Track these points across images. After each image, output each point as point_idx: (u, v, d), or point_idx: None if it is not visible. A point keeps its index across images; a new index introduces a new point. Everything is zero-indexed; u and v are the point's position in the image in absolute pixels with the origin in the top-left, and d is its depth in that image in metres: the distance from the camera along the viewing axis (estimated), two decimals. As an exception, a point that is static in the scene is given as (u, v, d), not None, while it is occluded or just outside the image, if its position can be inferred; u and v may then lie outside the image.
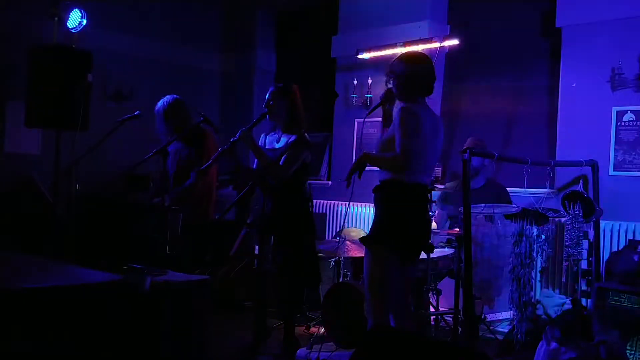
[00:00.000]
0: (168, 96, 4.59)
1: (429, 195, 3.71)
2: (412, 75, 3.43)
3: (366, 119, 3.80)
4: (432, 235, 4.59)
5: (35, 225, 4.21)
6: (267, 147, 4.16)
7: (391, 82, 3.49)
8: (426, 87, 3.47)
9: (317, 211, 6.33)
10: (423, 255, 4.45)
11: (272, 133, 4.19)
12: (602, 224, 4.59)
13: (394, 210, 3.37)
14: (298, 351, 4.29)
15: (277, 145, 4.11)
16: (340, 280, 4.75)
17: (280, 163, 3.99)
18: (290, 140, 4.02)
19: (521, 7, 5.62)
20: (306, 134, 4.05)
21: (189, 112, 4.59)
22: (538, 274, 4.19)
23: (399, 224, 3.36)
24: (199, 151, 4.48)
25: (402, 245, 3.39)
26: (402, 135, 3.26)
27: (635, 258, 4.04)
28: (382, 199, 3.40)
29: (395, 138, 3.30)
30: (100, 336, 2.58)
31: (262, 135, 4.26)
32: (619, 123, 4.75)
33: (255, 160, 4.18)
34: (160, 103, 4.56)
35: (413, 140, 3.27)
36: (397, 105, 3.47)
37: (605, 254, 4.52)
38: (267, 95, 4.12)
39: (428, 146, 3.38)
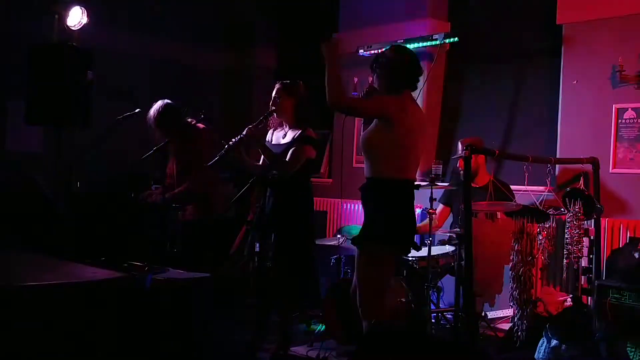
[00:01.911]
0: (158, 102, 4.55)
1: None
2: (396, 64, 3.36)
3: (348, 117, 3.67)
4: (434, 233, 4.61)
5: (35, 224, 4.21)
6: (273, 142, 4.17)
7: (375, 74, 3.42)
8: (411, 79, 3.40)
9: (317, 209, 6.33)
10: (424, 253, 4.47)
11: (280, 129, 4.20)
12: (603, 221, 4.59)
13: (395, 209, 3.32)
14: (299, 348, 4.30)
15: (282, 141, 4.12)
16: (341, 277, 4.76)
17: (287, 159, 4.00)
18: (295, 136, 4.04)
19: (522, 5, 5.61)
20: (311, 130, 4.07)
21: (180, 113, 4.56)
22: (539, 272, 4.19)
23: (402, 222, 3.34)
24: (196, 150, 4.48)
25: (406, 243, 3.38)
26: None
27: (636, 255, 4.04)
28: (381, 197, 3.33)
29: (377, 130, 3.30)
30: (101, 334, 2.58)
31: (269, 131, 4.27)
32: (619, 120, 4.75)
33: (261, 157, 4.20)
34: (151, 111, 4.53)
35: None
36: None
37: (605, 252, 4.52)
38: (274, 92, 4.12)
39: (419, 141, 3.38)
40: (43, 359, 2.41)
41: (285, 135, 4.14)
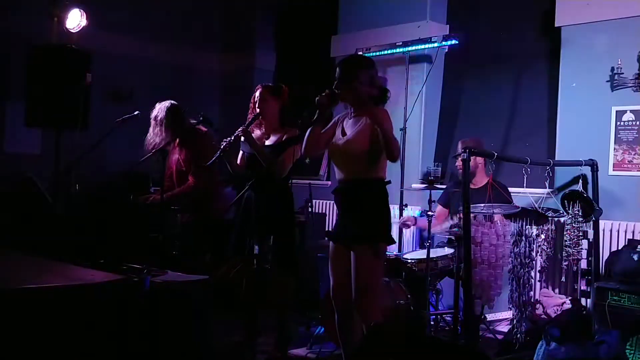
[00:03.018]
0: (165, 102, 4.57)
1: None
2: (376, 75, 3.50)
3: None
4: (432, 234, 4.61)
5: (35, 225, 4.20)
6: None
7: (358, 83, 3.41)
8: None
9: (316, 211, 6.33)
10: (423, 255, 4.47)
11: (259, 131, 4.23)
12: (602, 223, 4.59)
13: (385, 207, 3.45)
14: (298, 350, 4.30)
15: (267, 143, 4.16)
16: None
17: (282, 159, 4.03)
18: (284, 138, 4.07)
19: (520, 7, 5.62)
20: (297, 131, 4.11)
21: (185, 115, 4.58)
22: (537, 274, 4.19)
23: (389, 220, 3.47)
24: (197, 151, 4.48)
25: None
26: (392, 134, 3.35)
27: (635, 257, 4.04)
28: (379, 197, 3.43)
29: (373, 136, 3.34)
30: (100, 336, 2.58)
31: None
32: (618, 123, 4.75)
33: (239, 158, 4.23)
34: (156, 109, 4.55)
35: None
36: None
37: (604, 254, 4.52)
38: (258, 95, 4.15)
39: None
40: (42, 361, 2.41)
41: (268, 137, 4.18)
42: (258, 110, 4.12)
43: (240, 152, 4.25)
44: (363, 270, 3.36)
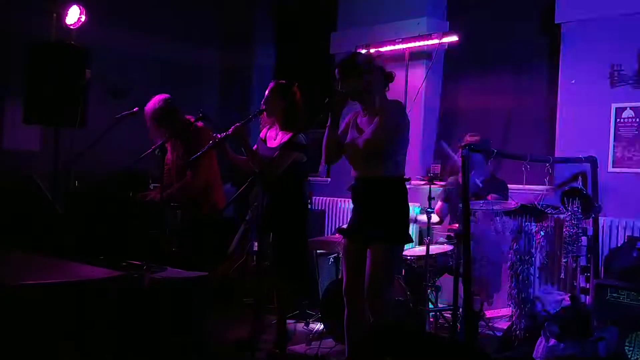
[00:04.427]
0: (157, 97, 4.54)
1: None
2: (380, 66, 3.46)
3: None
4: (432, 230, 4.62)
5: (34, 223, 4.20)
6: (267, 142, 4.17)
7: (365, 79, 3.38)
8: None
9: (316, 208, 6.33)
10: (422, 251, 4.47)
11: (273, 128, 4.19)
12: (601, 220, 4.59)
13: (404, 206, 3.45)
14: (297, 347, 4.30)
15: (273, 143, 4.13)
16: (340, 276, 4.76)
17: (271, 162, 3.99)
18: (283, 140, 4.02)
19: (520, 4, 5.62)
20: (301, 135, 4.01)
21: (178, 110, 4.55)
22: (537, 271, 4.19)
23: (407, 218, 3.47)
24: (194, 147, 4.46)
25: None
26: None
27: (634, 254, 4.04)
28: (393, 194, 3.41)
29: (397, 131, 3.35)
30: (100, 333, 2.58)
31: (264, 129, 4.26)
32: (618, 119, 4.75)
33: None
34: (149, 105, 4.52)
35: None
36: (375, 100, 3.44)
37: (604, 251, 4.53)
38: (267, 90, 4.11)
39: None
40: (42, 358, 2.41)
41: (276, 136, 4.13)
42: (263, 107, 4.07)
43: None
44: (379, 269, 3.34)
